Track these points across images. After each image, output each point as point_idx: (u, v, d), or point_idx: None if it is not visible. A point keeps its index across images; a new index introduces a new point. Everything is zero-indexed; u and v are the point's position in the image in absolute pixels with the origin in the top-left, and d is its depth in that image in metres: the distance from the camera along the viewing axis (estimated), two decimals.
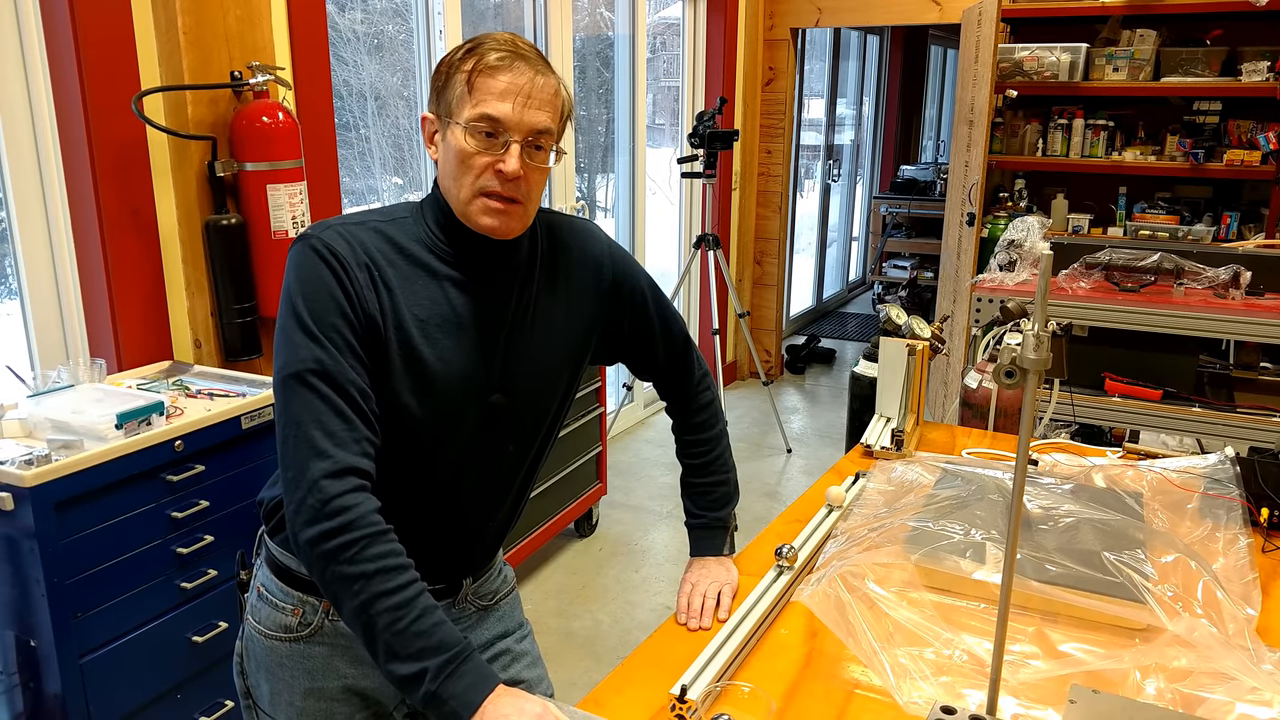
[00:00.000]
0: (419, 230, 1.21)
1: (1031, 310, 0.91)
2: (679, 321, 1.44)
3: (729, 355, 5.45)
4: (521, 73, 1.14)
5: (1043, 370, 0.95)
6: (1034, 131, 4.48)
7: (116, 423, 1.79)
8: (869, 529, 1.45)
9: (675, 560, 3.44)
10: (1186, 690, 1.11)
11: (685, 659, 1.19)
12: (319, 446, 1.07)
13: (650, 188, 4.77)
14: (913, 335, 1.97)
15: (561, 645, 2.90)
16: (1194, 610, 1.23)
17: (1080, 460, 1.81)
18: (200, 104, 2.23)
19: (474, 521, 1.31)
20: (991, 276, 2.81)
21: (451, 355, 1.19)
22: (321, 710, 1.29)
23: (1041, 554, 1.33)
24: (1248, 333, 2.45)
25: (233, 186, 2.30)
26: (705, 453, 1.48)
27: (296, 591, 1.27)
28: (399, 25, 3.33)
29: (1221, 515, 1.53)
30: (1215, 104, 4.21)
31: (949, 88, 8.85)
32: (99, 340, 2.23)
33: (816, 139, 6.98)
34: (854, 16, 4.95)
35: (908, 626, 1.24)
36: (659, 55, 5.17)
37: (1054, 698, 1.12)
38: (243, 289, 2.31)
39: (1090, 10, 4.22)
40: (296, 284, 1.13)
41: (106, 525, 1.77)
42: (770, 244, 5.46)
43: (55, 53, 2.08)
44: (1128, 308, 2.51)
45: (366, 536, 1.05)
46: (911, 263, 7.18)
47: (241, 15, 2.29)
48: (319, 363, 1.09)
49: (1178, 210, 4.36)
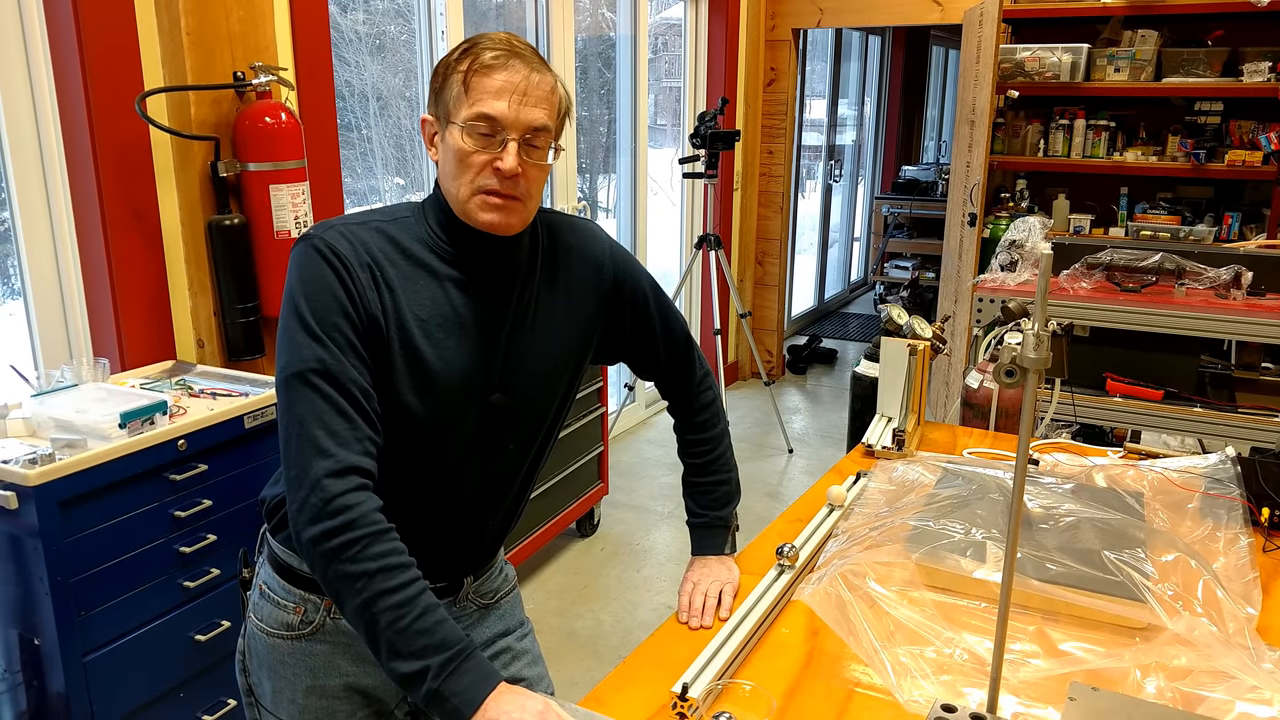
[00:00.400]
0: (420, 230, 1.22)
1: (1032, 310, 0.92)
2: (680, 321, 1.45)
3: (730, 355, 5.45)
4: (517, 70, 1.14)
5: (1043, 369, 0.95)
6: (1035, 132, 4.48)
7: (120, 422, 1.79)
8: (870, 528, 1.46)
9: (677, 560, 3.44)
10: (1187, 689, 1.12)
11: (687, 657, 1.19)
12: (321, 445, 1.08)
13: (652, 188, 4.78)
14: (914, 335, 1.97)
15: (563, 645, 2.91)
16: (1194, 609, 1.23)
17: (1081, 460, 1.81)
18: (203, 104, 2.23)
19: (475, 520, 1.32)
20: (993, 277, 2.81)
21: (452, 355, 1.19)
22: (323, 708, 1.30)
23: (1042, 553, 1.34)
24: (1249, 333, 2.45)
25: (235, 187, 2.31)
26: (707, 452, 1.48)
27: (298, 589, 1.27)
28: (401, 26, 3.34)
29: (1222, 515, 1.53)
30: (1217, 104, 4.21)
31: (950, 88, 8.86)
32: (102, 340, 2.24)
33: (818, 139, 6.98)
34: (855, 17, 4.95)
35: (908, 625, 1.24)
36: (660, 56, 5.18)
37: (1054, 696, 1.12)
38: (245, 289, 2.32)
39: (1092, 11, 4.22)
40: (299, 283, 1.14)
41: (110, 524, 1.77)
42: (772, 244, 5.47)
43: (59, 53, 2.09)
44: (1129, 308, 2.52)
45: (369, 535, 1.06)
46: (913, 263, 7.18)
47: (244, 16, 2.29)
48: (321, 362, 1.10)
49: (1179, 211, 4.36)
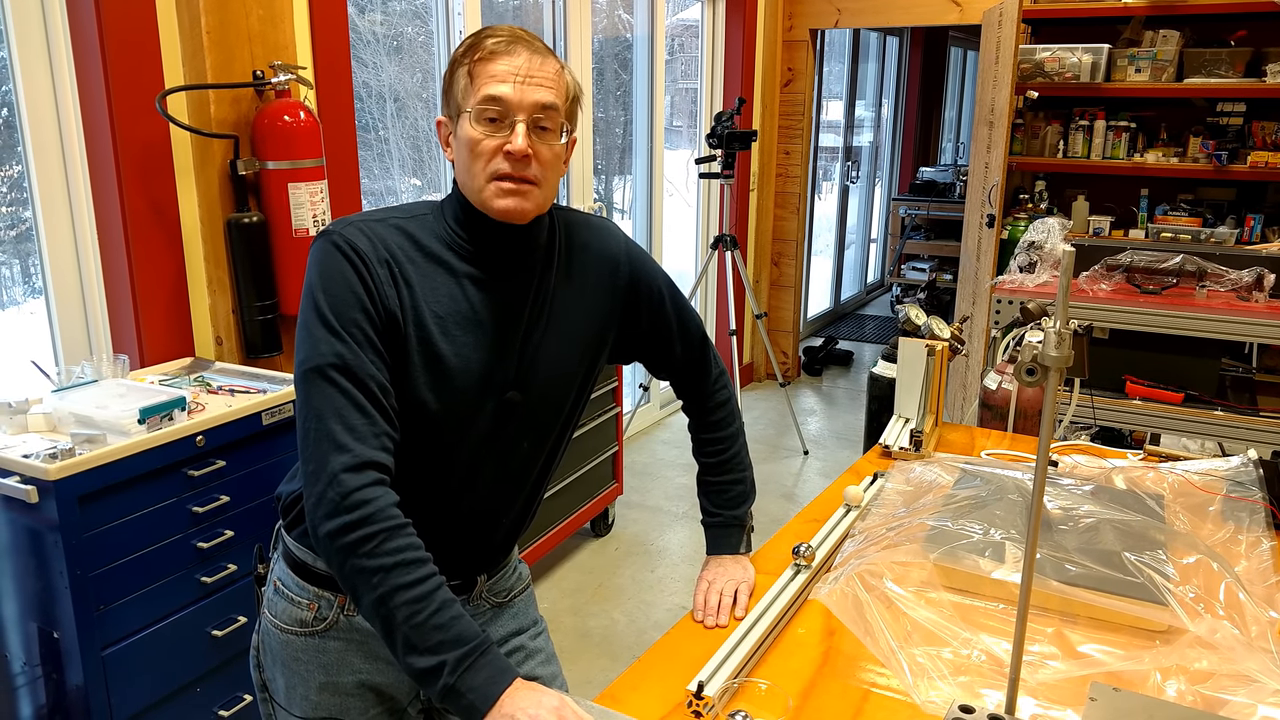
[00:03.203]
0: (439, 227, 1.22)
1: (1051, 311, 0.91)
2: (696, 319, 1.44)
3: (746, 356, 5.44)
4: (519, 54, 1.15)
5: (1064, 368, 0.95)
6: (1055, 133, 4.45)
7: (139, 418, 1.80)
8: (887, 528, 1.45)
9: (691, 561, 3.44)
10: (1208, 692, 1.10)
11: (702, 656, 1.18)
12: (339, 440, 1.08)
13: (667, 190, 4.77)
14: (932, 335, 1.96)
15: (577, 644, 2.91)
16: (1216, 612, 1.22)
17: (1100, 462, 1.80)
18: (223, 103, 2.25)
19: (489, 517, 1.32)
20: (1011, 278, 2.79)
21: (469, 352, 1.20)
22: (336, 705, 1.30)
23: (1061, 554, 1.32)
24: (1271, 336, 2.43)
25: (254, 185, 2.32)
26: (722, 451, 1.48)
27: (312, 586, 1.28)
28: (418, 27, 3.35)
29: (1244, 518, 1.52)
30: (1239, 105, 4.17)
31: (969, 89, 8.81)
32: (122, 336, 2.26)
33: (835, 140, 6.96)
34: (873, 17, 4.93)
35: (926, 626, 1.23)
36: (677, 57, 5.17)
37: (1073, 698, 1.11)
38: (264, 287, 2.33)
39: (1112, 11, 4.19)
40: (318, 279, 1.14)
41: (128, 519, 1.79)
42: (788, 245, 5.46)
43: (81, 53, 2.11)
44: (1149, 310, 2.49)
45: (386, 530, 1.06)
46: (930, 265, 7.15)
47: (264, 15, 2.31)
48: (340, 357, 1.10)
49: (1200, 213, 4.31)
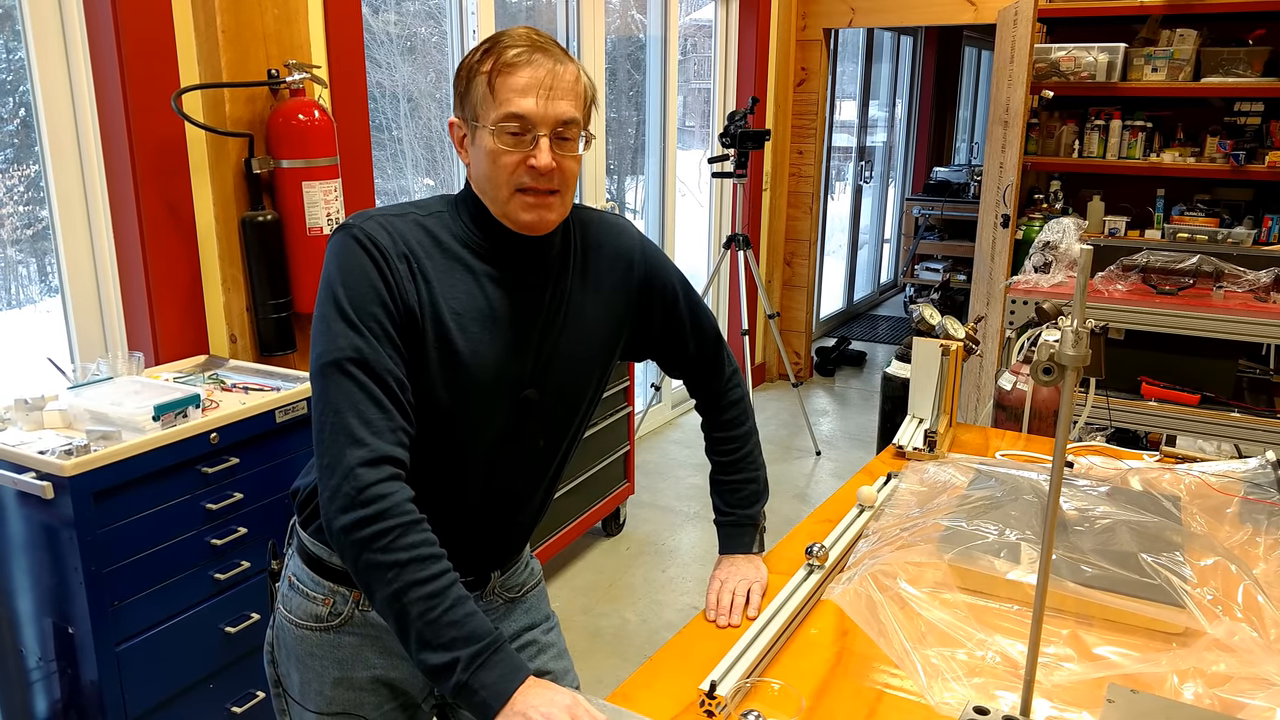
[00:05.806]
0: (455, 225, 1.22)
1: (1067, 311, 0.90)
2: (710, 318, 1.44)
3: (758, 357, 5.43)
4: (540, 65, 1.14)
5: (1081, 367, 0.94)
6: (1070, 133, 4.42)
7: (154, 414, 1.81)
8: (901, 528, 1.44)
9: (703, 561, 3.43)
10: (1225, 695, 1.09)
11: (714, 656, 1.18)
12: (356, 434, 1.08)
13: (680, 189, 4.77)
14: (946, 335, 1.95)
15: (589, 643, 2.91)
16: (1234, 614, 1.20)
17: (1116, 463, 1.78)
18: (238, 101, 2.26)
19: (503, 514, 1.32)
20: (1026, 278, 2.78)
21: (486, 349, 1.20)
22: (350, 700, 1.30)
23: (1077, 555, 1.31)
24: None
25: (269, 183, 2.33)
26: (734, 450, 1.48)
27: (327, 581, 1.28)
28: (431, 27, 3.36)
29: (1262, 520, 1.50)
30: (1257, 105, 4.13)
31: (983, 89, 8.77)
32: (137, 334, 2.27)
33: (848, 140, 6.94)
34: (887, 17, 4.91)
35: (940, 627, 1.22)
36: (689, 57, 5.17)
37: (1089, 701, 1.10)
38: (278, 285, 2.34)
39: (1129, 10, 4.16)
40: (337, 272, 1.14)
41: (143, 515, 1.80)
42: (801, 245, 5.44)
43: (97, 51, 2.12)
44: (1165, 310, 2.48)
45: (401, 525, 1.06)
46: (944, 265, 7.12)
47: (279, 15, 2.32)
48: (358, 351, 1.10)
49: (1217, 213, 4.28)
